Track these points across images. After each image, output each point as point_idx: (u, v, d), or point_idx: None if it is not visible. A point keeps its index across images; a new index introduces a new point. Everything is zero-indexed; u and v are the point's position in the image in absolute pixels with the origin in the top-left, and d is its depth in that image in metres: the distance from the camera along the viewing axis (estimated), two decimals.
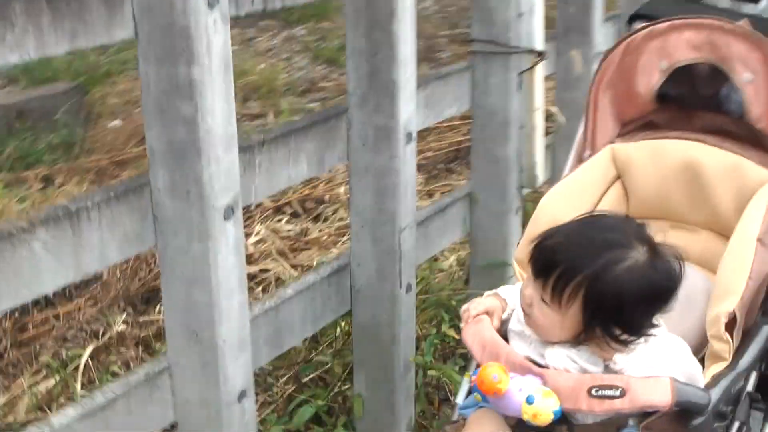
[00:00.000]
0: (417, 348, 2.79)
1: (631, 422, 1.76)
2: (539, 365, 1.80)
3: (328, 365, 2.77)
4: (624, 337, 1.73)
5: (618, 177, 2.16)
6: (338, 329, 2.87)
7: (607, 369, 1.76)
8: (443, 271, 3.42)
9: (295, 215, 3.82)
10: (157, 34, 1.80)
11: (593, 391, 1.68)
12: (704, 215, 2.07)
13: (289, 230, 3.69)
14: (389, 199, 2.47)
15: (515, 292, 1.95)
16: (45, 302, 3.15)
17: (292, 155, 2.30)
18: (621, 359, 1.74)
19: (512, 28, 2.88)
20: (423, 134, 4.61)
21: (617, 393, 1.67)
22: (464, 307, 1.97)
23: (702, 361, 1.86)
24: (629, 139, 2.16)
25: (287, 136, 2.28)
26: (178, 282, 1.97)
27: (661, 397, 1.66)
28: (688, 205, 2.08)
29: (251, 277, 3.38)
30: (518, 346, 1.88)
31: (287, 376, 2.76)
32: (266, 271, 3.41)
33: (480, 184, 3.09)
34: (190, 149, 1.86)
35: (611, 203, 2.14)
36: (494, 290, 2.02)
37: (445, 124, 4.72)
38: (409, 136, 2.45)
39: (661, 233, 1.76)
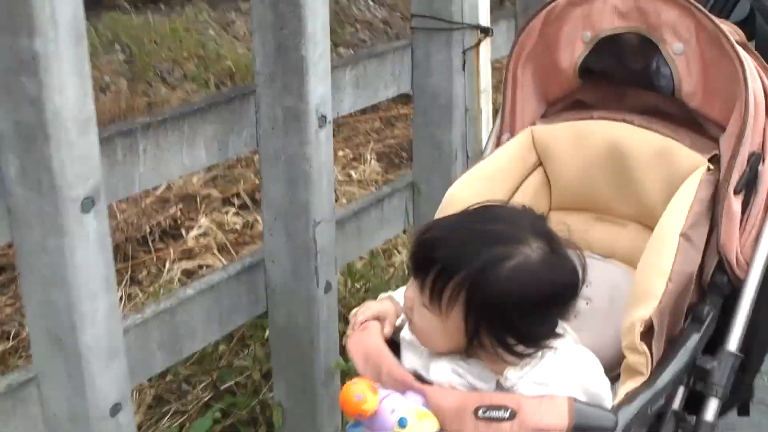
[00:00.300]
0: None
1: None
2: (427, 381, 1.57)
3: (250, 372, 2.55)
4: (518, 348, 1.50)
5: (539, 163, 1.92)
6: (266, 332, 2.64)
7: (499, 386, 1.52)
8: (394, 266, 3.19)
9: (243, 207, 3.60)
10: None
11: (480, 412, 1.44)
12: (632, 206, 1.83)
13: (235, 223, 3.47)
14: (301, 190, 2.24)
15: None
16: None
17: (187, 140, 2.07)
18: (513, 375, 1.50)
19: (455, 2, 2.64)
20: (390, 120, 4.37)
21: (506, 414, 1.43)
22: (353, 311, 1.75)
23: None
24: (553, 121, 1.92)
25: (179, 119, 2.06)
26: (36, 282, 1.75)
27: (555, 419, 1.42)
28: (614, 194, 1.84)
29: (189, 273, 3.16)
30: (409, 357, 1.65)
31: (205, 383, 2.53)
32: (206, 267, 3.19)
33: (423, 172, 2.85)
34: (38, 132, 1.64)
35: (531, 193, 1.90)
36: (389, 293, 1.79)
37: None
38: (322, 119, 2.22)
39: (564, 228, 1.53)
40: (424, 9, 2.66)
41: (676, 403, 1.66)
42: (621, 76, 1.86)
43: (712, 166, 1.72)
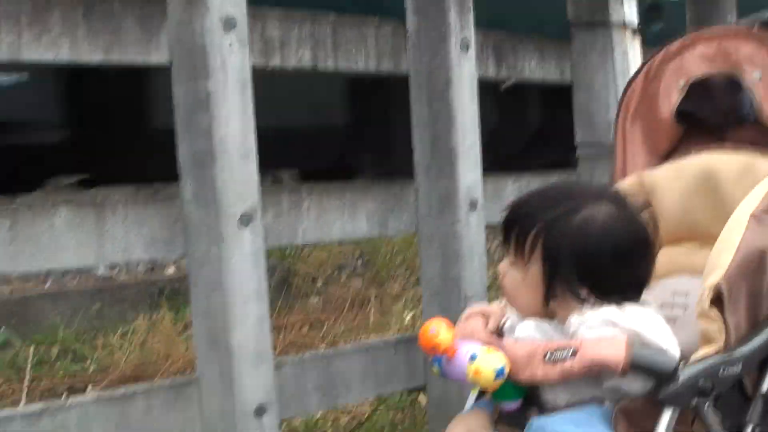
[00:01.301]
0: None
1: (607, 404, 1.67)
2: None
3: None
4: (590, 300, 1.68)
5: (648, 204, 2.11)
6: None
7: (566, 334, 1.69)
8: None
9: None
10: (184, 55, 2.07)
11: (546, 356, 1.63)
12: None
13: None
14: (453, 266, 2.51)
15: None
16: None
17: (348, 209, 2.44)
18: (576, 319, 1.67)
19: (613, 129, 2.91)
20: None
21: (569, 354, 1.61)
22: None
23: None
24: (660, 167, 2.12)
25: (341, 189, 2.44)
26: (201, 288, 2.12)
27: (612, 351, 1.58)
28: (711, 218, 1.98)
29: None
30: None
31: None
32: None
33: None
34: (208, 158, 2.07)
35: None
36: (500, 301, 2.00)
37: None
38: (473, 203, 2.52)
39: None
40: (587, 137, 2.96)
41: (765, 387, 1.73)
42: (714, 117, 2.05)
43: None
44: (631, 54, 2.91)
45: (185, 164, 2.10)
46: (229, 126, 2.06)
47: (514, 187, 2.82)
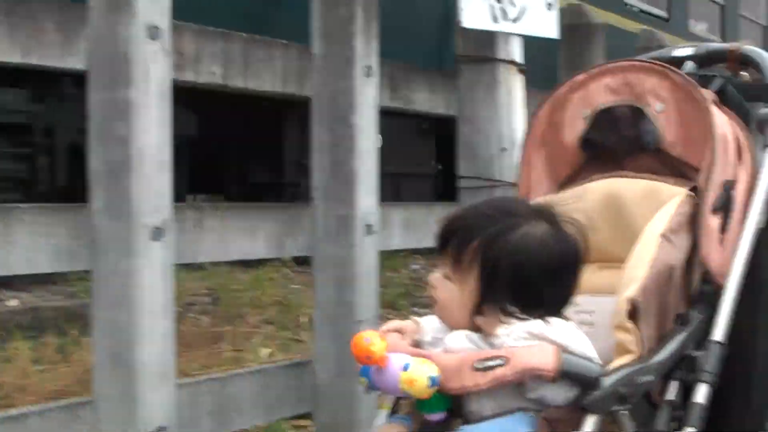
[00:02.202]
0: None
1: (531, 413, 1.71)
2: None
3: None
4: (519, 314, 1.72)
5: (579, 223, 2.18)
6: None
7: (493, 346, 1.73)
8: None
9: None
10: (104, 62, 2.01)
11: (476, 365, 1.65)
12: (627, 246, 2.06)
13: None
14: (348, 291, 2.52)
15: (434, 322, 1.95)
16: None
17: (249, 230, 2.41)
18: (503, 331, 1.71)
19: (495, 162, 3.01)
20: None
21: (501, 362, 1.64)
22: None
23: None
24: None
25: (246, 209, 2.41)
26: (105, 303, 2.04)
27: (543, 359, 1.62)
28: (613, 240, 2.07)
29: None
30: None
31: None
32: None
33: None
34: (123, 167, 2.00)
35: None
36: (416, 318, 2.02)
37: None
38: (368, 227, 2.53)
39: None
40: (469, 170, 3.04)
41: (672, 395, 1.82)
42: (617, 145, 2.15)
43: (692, 194, 1.97)
44: (515, 91, 3.02)
45: (97, 174, 2.03)
46: (148, 136, 2.01)
47: (401, 218, 2.86)
